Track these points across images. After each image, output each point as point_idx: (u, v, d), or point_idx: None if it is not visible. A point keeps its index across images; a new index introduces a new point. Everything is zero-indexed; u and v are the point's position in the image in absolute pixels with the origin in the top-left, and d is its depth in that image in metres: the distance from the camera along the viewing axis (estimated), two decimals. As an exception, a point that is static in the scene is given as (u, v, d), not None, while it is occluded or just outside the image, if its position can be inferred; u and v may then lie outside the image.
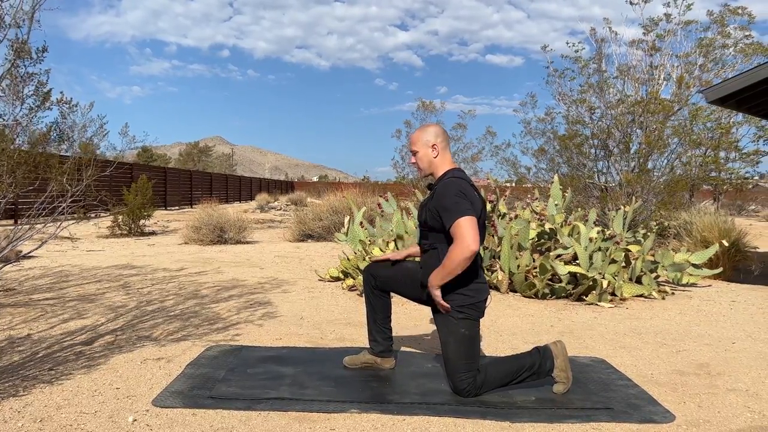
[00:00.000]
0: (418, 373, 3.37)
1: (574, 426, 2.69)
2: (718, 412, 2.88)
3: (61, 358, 3.54)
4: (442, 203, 2.94)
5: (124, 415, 2.69)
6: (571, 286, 5.85)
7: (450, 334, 2.98)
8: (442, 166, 3.12)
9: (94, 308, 4.91)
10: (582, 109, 12.25)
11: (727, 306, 5.68)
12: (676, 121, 11.82)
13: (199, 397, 2.91)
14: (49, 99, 2.94)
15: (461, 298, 2.97)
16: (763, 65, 7.04)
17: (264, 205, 26.23)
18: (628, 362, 3.69)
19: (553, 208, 6.96)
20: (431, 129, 3.18)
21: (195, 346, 3.84)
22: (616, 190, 10.96)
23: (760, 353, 3.97)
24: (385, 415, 2.77)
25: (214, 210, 11.46)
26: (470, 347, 2.98)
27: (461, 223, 2.84)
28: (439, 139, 3.12)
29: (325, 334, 4.28)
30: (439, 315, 3.03)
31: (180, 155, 68.75)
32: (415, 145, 3.16)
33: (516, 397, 3.01)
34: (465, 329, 2.97)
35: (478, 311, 3.01)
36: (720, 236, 7.82)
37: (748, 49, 14.25)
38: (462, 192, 2.93)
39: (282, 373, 3.33)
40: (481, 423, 2.70)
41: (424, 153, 3.13)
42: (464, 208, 2.87)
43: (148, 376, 3.25)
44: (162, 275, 6.75)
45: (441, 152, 3.12)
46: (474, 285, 3.00)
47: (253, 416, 2.72)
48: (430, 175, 3.18)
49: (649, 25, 13.22)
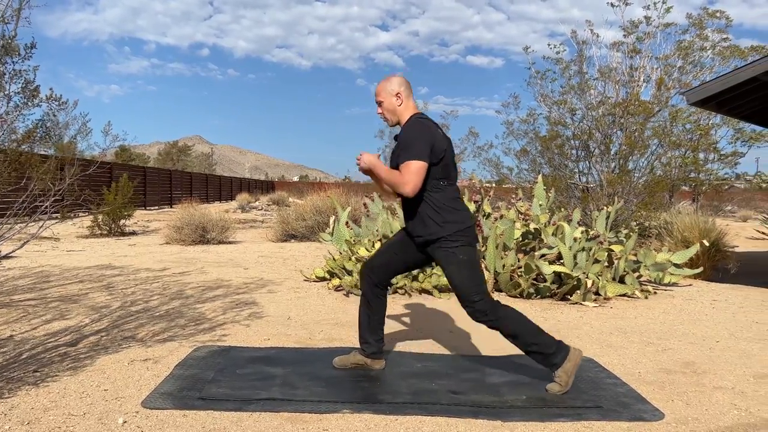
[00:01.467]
0: (409, 373, 3.37)
1: (565, 424, 2.70)
2: (705, 409, 2.92)
3: (45, 359, 3.49)
4: (404, 143, 3.07)
5: (113, 417, 2.66)
6: (556, 286, 5.89)
7: (451, 264, 3.08)
8: (406, 113, 3.22)
9: (77, 309, 4.85)
10: (563, 110, 12.35)
11: (708, 305, 5.76)
12: (656, 123, 11.96)
13: (189, 398, 2.89)
14: (37, 96, 2.89)
15: (452, 226, 3.07)
16: (742, 68, 7.14)
17: (245, 205, 26.09)
18: (615, 361, 3.73)
19: (538, 208, 7.01)
20: (394, 79, 3.26)
21: (182, 347, 3.80)
22: (597, 190, 11.05)
23: (744, 351, 4.03)
24: (377, 415, 2.76)
25: (196, 210, 11.38)
26: (473, 270, 3.08)
27: (410, 166, 2.99)
28: (402, 88, 3.22)
29: (314, 335, 4.26)
30: (438, 252, 3.11)
31: (159, 154, 68.13)
32: (379, 95, 3.25)
33: (507, 396, 3.02)
34: (463, 255, 3.07)
35: (470, 236, 3.12)
36: (700, 236, 7.92)
37: (726, 52, 14.46)
38: (422, 133, 3.05)
39: (272, 373, 3.31)
40: (473, 422, 2.71)
41: (389, 102, 3.22)
42: (418, 152, 2.99)
43: (136, 377, 3.21)
44: (145, 275, 6.68)
45: (405, 100, 3.21)
46: (459, 214, 3.11)
47: (244, 417, 2.70)
48: (396, 124, 3.26)
49: (629, 27, 13.37)
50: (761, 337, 4.48)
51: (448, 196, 3.11)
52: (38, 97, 2.89)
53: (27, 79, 2.85)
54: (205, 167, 70.23)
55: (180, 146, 69.20)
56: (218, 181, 42.35)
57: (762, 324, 4.94)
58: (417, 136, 3.04)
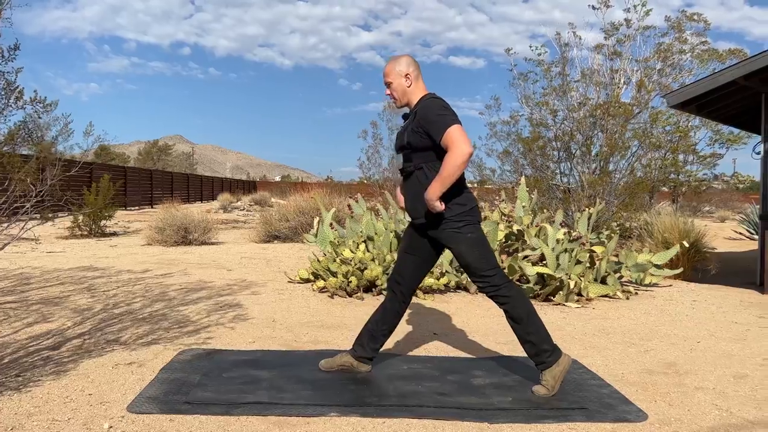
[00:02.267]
0: (395, 376, 3.38)
1: (551, 426, 2.73)
2: (688, 410, 2.96)
3: (28, 363, 3.45)
4: (428, 119, 3.04)
5: (98, 422, 2.64)
6: (539, 287, 5.94)
7: (461, 243, 3.10)
8: (417, 93, 3.21)
9: (59, 311, 4.80)
10: (545, 111, 12.44)
11: (689, 305, 5.84)
12: (636, 125, 12.09)
13: (175, 403, 2.87)
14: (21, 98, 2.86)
15: (457, 207, 3.08)
16: (722, 71, 7.25)
17: (227, 206, 25.95)
18: (598, 362, 3.77)
19: (521, 209, 7.05)
20: (403, 59, 3.24)
21: (167, 350, 3.78)
22: (578, 191, 11.15)
23: (724, 352, 4.09)
24: (365, 418, 2.77)
25: (178, 210, 11.29)
26: (483, 247, 3.11)
27: (452, 131, 2.95)
28: (412, 68, 3.20)
29: (299, 337, 4.26)
30: (445, 233, 3.11)
31: (139, 154, 67.49)
32: (388, 76, 3.22)
33: (493, 398, 3.04)
34: (471, 233, 3.10)
35: (475, 216, 3.14)
36: (680, 237, 8.02)
37: (705, 55, 14.66)
38: (444, 107, 3.07)
39: (258, 376, 3.30)
40: (459, 424, 2.73)
41: (398, 83, 3.20)
42: (450, 120, 2.99)
43: (121, 381, 3.19)
44: (127, 277, 6.62)
45: (414, 81, 3.20)
46: (464, 195, 3.13)
47: (231, 421, 2.69)
48: (405, 105, 3.25)
49: (609, 29, 13.51)
50: (740, 337, 4.55)
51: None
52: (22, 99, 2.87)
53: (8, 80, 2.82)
54: (187, 167, 69.72)
55: (160, 146, 68.61)
56: (200, 181, 42.09)
57: (741, 324, 5.02)
58: (440, 109, 3.04)
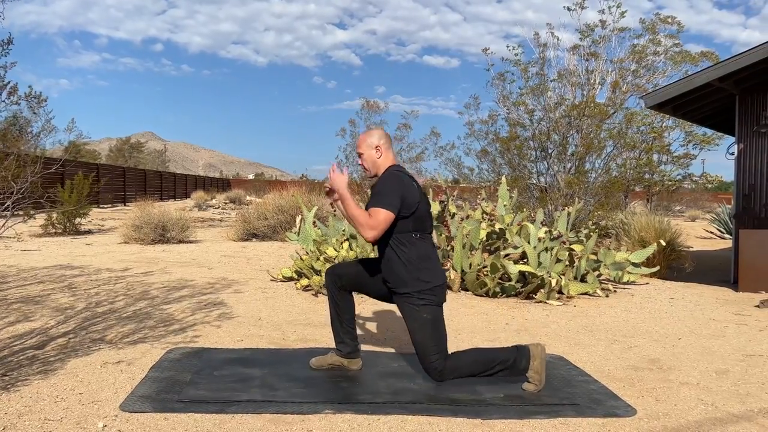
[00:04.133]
0: (386, 373, 3.40)
1: (543, 421, 2.77)
2: (674, 405, 3.03)
3: (13, 363, 3.40)
4: (376, 189, 3.15)
5: (92, 421, 2.61)
6: (521, 285, 6.01)
7: (414, 321, 3.12)
8: (384, 164, 3.29)
9: (40, 310, 4.73)
10: (521, 111, 12.57)
11: (667, 303, 5.95)
12: (611, 125, 12.27)
13: (169, 401, 2.86)
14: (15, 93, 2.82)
15: (419, 284, 3.11)
16: (698, 73, 7.40)
17: (202, 204, 25.71)
18: (584, 358, 3.83)
19: (503, 208, 7.12)
20: (375, 132, 3.37)
21: (154, 349, 3.75)
22: (554, 191, 11.28)
23: (704, 348, 4.19)
24: (359, 414, 2.79)
25: (154, 208, 11.18)
26: (435, 330, 3.11)
27: (377, 214, 3.04)
28: (382, 141, 3.30)
29: (287, 335, 4.25)
30: (403, 305, 3.16)
31: (110, 151, 66.50)
32: (360, 147, 3.34)
33: (485, 395, 3.08)
34: (427, 314, 3.11)
35: (437, 296, 3.15)
36: (656, 236, 8.17)
37: (678, 57, 14.90)
38: (395, 184, 3.12)
39: (249, 375, 3.30)
40: (453, 420, 2.76)
41: (369, 154, 3.30)
42: (387, 202, 3.05)
43: (111, 380, 3.16)
44: (107, 276, 6.54)
45: (384, 153, 3.29)
46: (429, 272, 3.15)
47: (226, 419, 2.69)
48: (374, 176, 3.33)
49: (585, 30, 13.68)
50: (719, 333, 4.66)
51: (420, 251, 3.14)
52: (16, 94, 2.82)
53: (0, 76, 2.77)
54: (159, 164, 68.84)
55: (132, 143, 67.73)
56: (173, 178, 41.61)
57: (718, 321, 5.13)
58: (389, 187, 3.11)
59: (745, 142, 7.50)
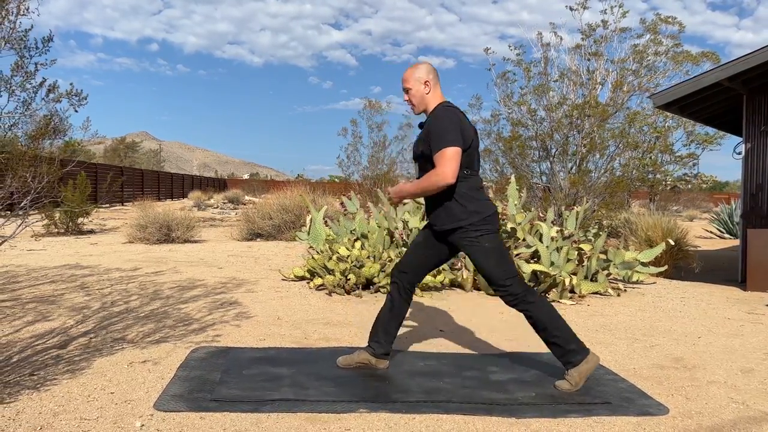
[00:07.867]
0: (415, 372, 3.40)
1: (577, 420, 2.78)
2: (705, 403, 3.04)
3: (38, 362, 3.39)
4: (434, 129, 3.07)
5: (129, 421, 2.60)
6: (533, 284, 6.01)
7: (477, 252, 3.12)
8: (434, 101, 3.22)
9: (56, 310, 4.70)
10: (523, 111, 12.57)
11: (679, 302, 5.97)
12: (613, 125, 12.29)
13: (202, 400, 2.85)
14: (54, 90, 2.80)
15: (475, 215, 3.09)
16: (707, 73, 7.42)
17: (200, 203, 25.66)
18: (608, 357, 3.84)
19: (513, 207, 7.13)
20: (422, 66, 3.26)
21: (178, 348, 3.74)
22: (557, 191, 11.29)
23: (725, 347, 4.20)
24: (395, 414, 2.78)
25: (157, 207, 11.14)
26: (500, 256, 3.12)
27: (445, 153, 2.99)
28: (431, 76, 3.22)
29: (308, 334, 4.24)
30: (462, 243, 3.14)
31: (106, 151, 66.25)
32: (407, 82, 3.24)
33: (517, 393, 3.08)
34: (488, 243, 3.10)
35: (493, 224, 3.14)
36: (664, 236, 8.19)
37: (679, 57, 14.94)
38: (452, 120, 3.07)
39: (278, 374, 3.29)
40: (488, 419, 2.76)
41: (417, 89, 3.22)
42: (451, 138, 3.00)
43: (140, 379, 3.15)
44: (118, 275, 6.52)
45: (432, 88, 3.22)
46: (482, 204, 3.13)
47: (263, 418, 2.68)
48: (422, 111, 3.27)
49: (587, 31, 13.71)
50: (737, 332, 4.68)
51: (471, 185, 3.13)
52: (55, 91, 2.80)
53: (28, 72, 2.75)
54: (154, 164, 68.60)
55: (127, 143, 67.55)
56: (170, 178, 41.50)
57: (733, 320, 5.15)
58: (448, 124, 3.04)
59: (752, 141, 7.53)
